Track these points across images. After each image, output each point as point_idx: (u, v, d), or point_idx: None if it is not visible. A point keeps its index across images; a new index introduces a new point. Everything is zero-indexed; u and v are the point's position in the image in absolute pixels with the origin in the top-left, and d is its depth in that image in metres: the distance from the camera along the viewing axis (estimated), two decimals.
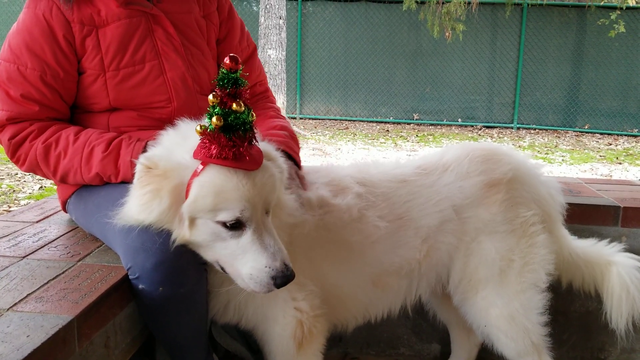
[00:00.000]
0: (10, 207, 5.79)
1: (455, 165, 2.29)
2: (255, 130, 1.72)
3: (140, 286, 1.78)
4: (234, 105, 1.63)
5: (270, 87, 2.65)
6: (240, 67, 1.65)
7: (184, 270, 1.79)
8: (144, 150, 1.96)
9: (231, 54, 1.65)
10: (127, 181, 1.95)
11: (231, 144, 1.63)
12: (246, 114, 1.66)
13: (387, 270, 2.22)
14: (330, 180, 2.22)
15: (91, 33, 2.08)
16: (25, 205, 5.07)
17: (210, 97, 1.64)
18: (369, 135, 12.18)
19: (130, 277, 1.81)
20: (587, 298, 2.90)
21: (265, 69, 10.08)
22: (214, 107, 1.64)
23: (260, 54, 10.32)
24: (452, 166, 2.30)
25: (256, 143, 1.74)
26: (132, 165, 1.92)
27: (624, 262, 2.40)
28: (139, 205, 1.74)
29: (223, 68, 1.65)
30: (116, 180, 2.01)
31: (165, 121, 2.10)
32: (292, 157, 2.20)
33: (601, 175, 8.86)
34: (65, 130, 2.07)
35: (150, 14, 2.17)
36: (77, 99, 2.17)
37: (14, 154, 2.09)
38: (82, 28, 2.07)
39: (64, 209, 2.34)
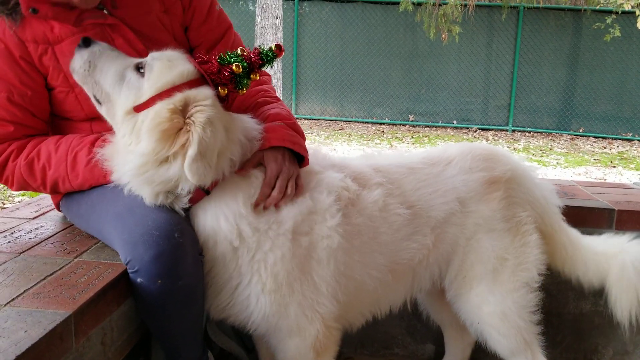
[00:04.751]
0: (4, 204, 5.77)
1: (458, 160, 2.32)
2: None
3: (139, 280, 1.78)
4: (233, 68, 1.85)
5: None
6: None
7: (182, 262, 1.79)
8: None
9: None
10: None
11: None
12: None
13: (402, 259, 2.19)
14: (351, 172, 2.16)
15: (47, 51, 2.01)
16: (19, 202, 5.06)
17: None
18: (365, 136, 12.20)
19: (129, 271, 1.81)
20: (580, 300, 2.92)
21: None
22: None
23: None
24: (455, 160, 2.33)
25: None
26: None
27: (630, 249, 2.37)
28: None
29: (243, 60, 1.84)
30: (105, 181, 1.97)
31: None
32: (298, 153, 2.02)
33: (595, 178, 8.90)
34: (44, 143, 2.05)
35: (107, 24, 2.06)
36: (55, 110, 2.13)
37: (1, 176, 2.08)
38: (36, 47, 2.01)
39: (58, 209, 2.34)
